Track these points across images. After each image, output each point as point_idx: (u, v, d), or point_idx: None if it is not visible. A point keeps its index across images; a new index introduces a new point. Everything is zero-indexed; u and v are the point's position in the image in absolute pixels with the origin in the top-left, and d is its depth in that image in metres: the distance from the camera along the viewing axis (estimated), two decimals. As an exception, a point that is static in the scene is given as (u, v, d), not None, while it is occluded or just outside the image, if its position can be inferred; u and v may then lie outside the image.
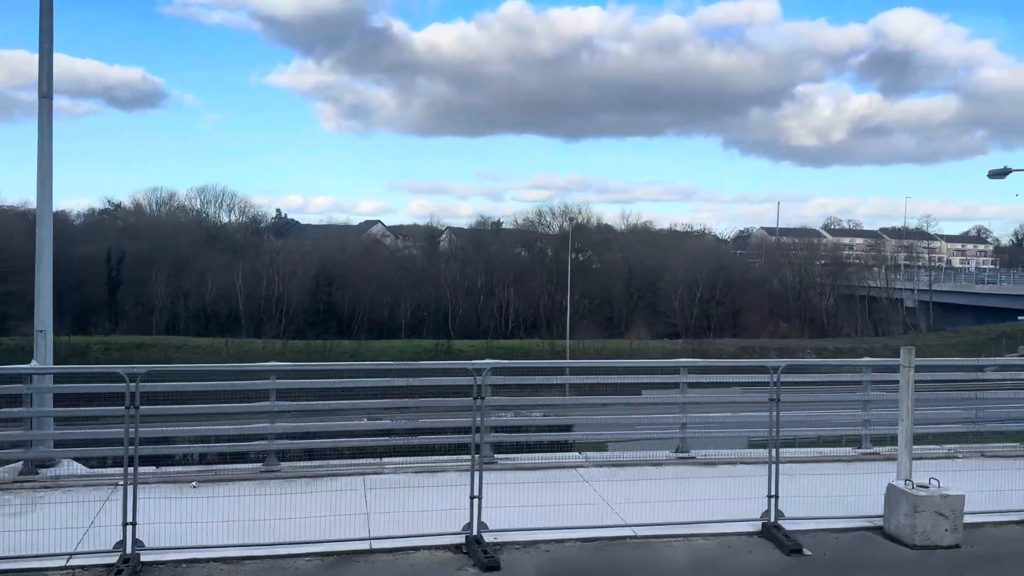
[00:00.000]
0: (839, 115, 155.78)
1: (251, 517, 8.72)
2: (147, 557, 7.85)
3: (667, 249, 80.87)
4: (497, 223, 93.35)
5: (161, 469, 10.55)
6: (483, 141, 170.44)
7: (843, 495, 9.84)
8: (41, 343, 10.51)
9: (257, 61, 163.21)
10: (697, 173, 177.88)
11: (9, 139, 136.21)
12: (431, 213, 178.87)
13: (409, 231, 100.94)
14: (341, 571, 7.91)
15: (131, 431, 7.93)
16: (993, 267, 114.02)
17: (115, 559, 7.73)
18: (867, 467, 11.00)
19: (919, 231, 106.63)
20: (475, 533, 8.43)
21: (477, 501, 8.51)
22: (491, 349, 58.19)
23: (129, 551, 7.77)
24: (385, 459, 11.10)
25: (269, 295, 67.67)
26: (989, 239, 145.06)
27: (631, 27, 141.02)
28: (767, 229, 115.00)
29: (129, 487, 7.87)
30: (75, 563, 7.79)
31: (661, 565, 8.27)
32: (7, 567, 7.61)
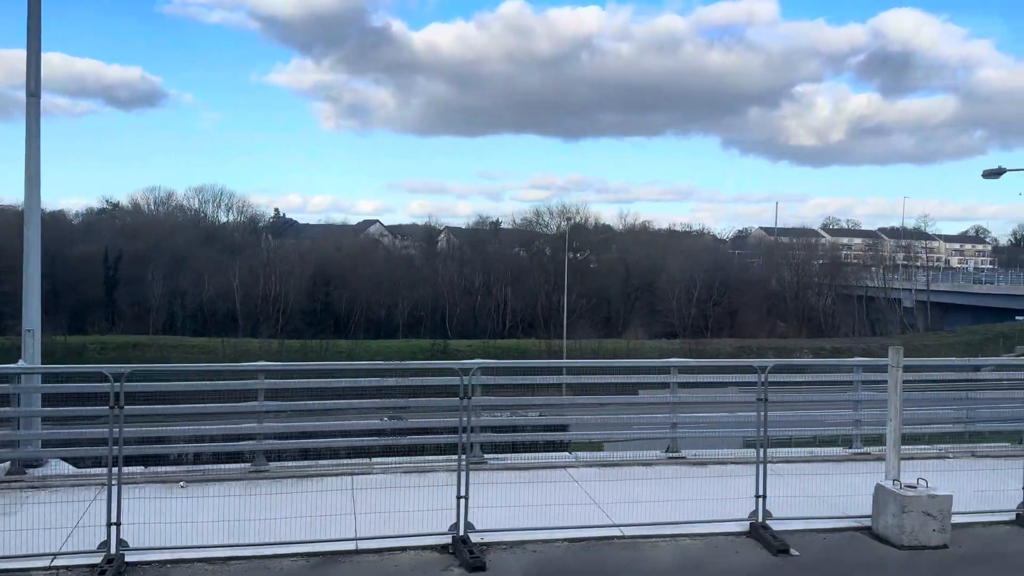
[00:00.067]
0: (838, 115, 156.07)
1: (238, 517, 8.71)
2: (132, 557, 7.83)
3: (665, 249, 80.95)
4: (496, 223, 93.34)
5: (150, 469, 10.52)
6: (482, 141, 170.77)
7: (833, 495, 9.84)
8: (29, 342, 10.47)
9: (256, 60, 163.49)
10: (696, 173, 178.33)
11: (7, 138, 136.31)
12: (430, 213, 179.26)
13: (407, 231, 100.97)
14: (326, 571, 7.89)
15: (115, 431, 7.90)
16: (991, 267, 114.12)
17: (99, 559, 7.70)
18: (858, 467, 10.95)
19: (917, 231, 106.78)
20: (461, 533, 8.41)
21: (464, 501, 8.49)
22: (487, 349, 58.20)
23: (113, 551, 7.75)
24: (375, 459, 11.07)
25: (266, 295, 67.64)
26: (987, 239, 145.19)
27: (630, 27, 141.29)
28: (766, 229, 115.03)
29: (113, 487, 7.85)
30: (59, 563, 7.77)
31: (647, 565, 8.25)
32: (-9, 567, 7.59)
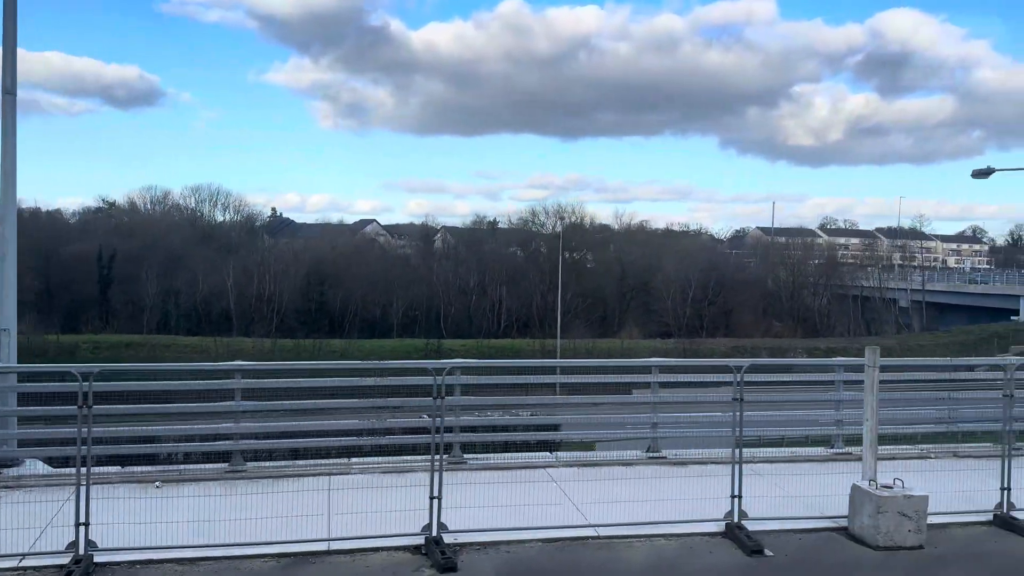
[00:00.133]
0: (836, 115, 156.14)
1: (212, 517, 8.66)
2: (101, 558, 7.77)
3: (661, 248, 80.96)
4: (493, 223, 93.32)
5: (126, 469, 10.47)
6: (480, 140, 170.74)
7: (812, 495, 9.80)
8: (4, 341, 10.41)
9: (254, 59, 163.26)
10: (694, 173, 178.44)
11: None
12: (427, 212, 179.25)
13: (404, 230, 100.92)
14: (296, 572, 7.85)
15: (84, 431, 7.86)
16: (988, 267, 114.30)
17: (67, 560, 7.66)
18: (838, 467, 10.91)
19: (914, 231, 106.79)
20: (434, 534, 8.37)
21: (437, 502, 8.45)
22: (481, 348, 58.14)
23: (82, 552, 7.70)
24: (353, 459, 11.03)
25: (260, 294, 67.57)
26: (985, 239, 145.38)
27: (629, 26, 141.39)
28: (763, 229, 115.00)
29: (82, 487, 7.81)
30: (27, 564, 7.71)
31: (621, 566, 8.21)
32: (-42, 568, 7.54)
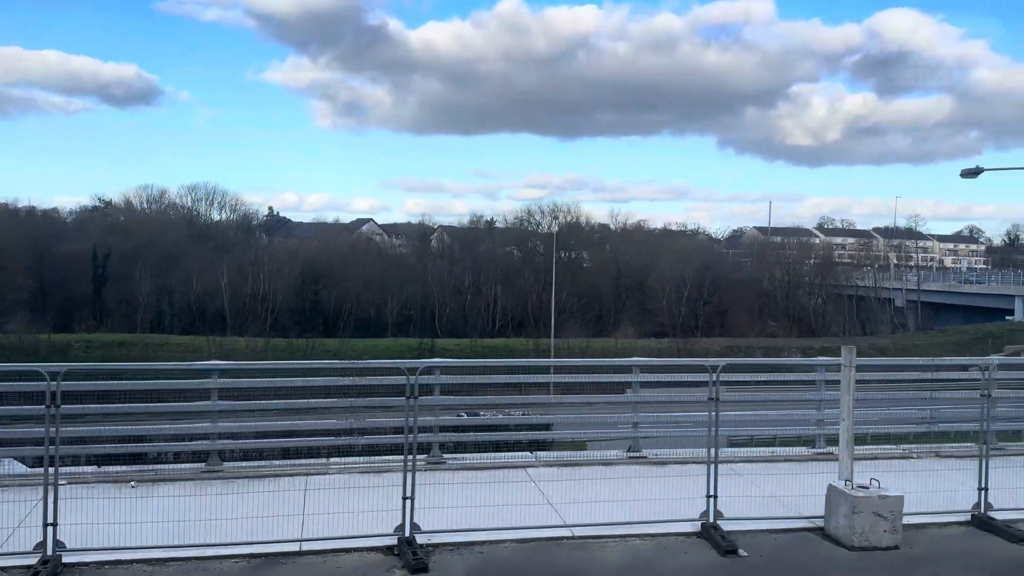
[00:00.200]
0: (834, 115, 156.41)
1: (186, 517, 8.62)
2: (70, 558, 7.72)
3: (657, 248, 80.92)
4: (490, 222, 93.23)
5: (102, 468, 10.42)
6: (478, 139, 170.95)
7: (790, 495, 9.76)
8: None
9: (252, 58, 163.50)
10: (692, 172, 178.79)
11: (4, 135, 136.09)
12: (425, 212, 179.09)
13: (402, 229, 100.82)
14: (266, 573, 7.79)
15: (52, 431, 7.80)
16: (985, 267, 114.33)
17: (35, 560, 7.60)
18: (818, 467, 10.85)
19: (910, 231, 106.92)
20: (407, 534, 8.32)
21: (410, 502, 8.39)
22: (475, 348, 58.13)
23: (50, 552, 7.65)
24: (332, 459, 10.99)
25: (255, 293, 67.47)
26: (981, 239, 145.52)
27: (627, 26, 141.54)
28: (760, 229, 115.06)
29: (50, 487, 7.75)
30: (-6, 564, 7.68)
31: (595, 566, 8.16)
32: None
